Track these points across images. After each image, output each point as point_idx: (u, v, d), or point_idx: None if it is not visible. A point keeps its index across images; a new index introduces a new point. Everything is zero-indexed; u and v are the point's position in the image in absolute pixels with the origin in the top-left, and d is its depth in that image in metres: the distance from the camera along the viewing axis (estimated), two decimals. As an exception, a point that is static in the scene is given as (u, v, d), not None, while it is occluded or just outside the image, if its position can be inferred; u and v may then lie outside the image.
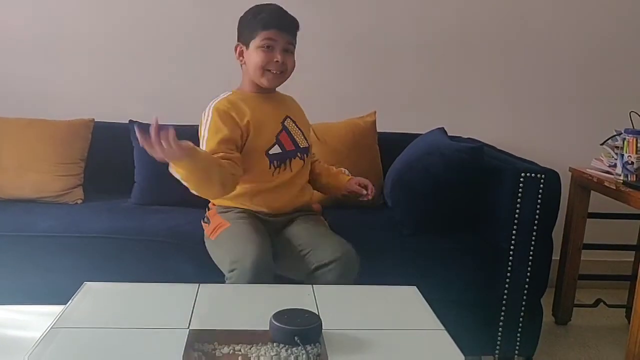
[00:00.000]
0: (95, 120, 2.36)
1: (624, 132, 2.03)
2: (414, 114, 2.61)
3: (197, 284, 1.36)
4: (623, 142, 2.03)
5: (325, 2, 2.57)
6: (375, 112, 2.37)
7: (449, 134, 2.24)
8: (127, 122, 2.33)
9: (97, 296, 1.31)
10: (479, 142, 2.12)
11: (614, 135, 2.14)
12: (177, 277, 1.54)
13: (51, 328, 1.13)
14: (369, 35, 2.60)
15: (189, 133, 2.27)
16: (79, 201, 2.20)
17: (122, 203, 2.20)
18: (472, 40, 2.63)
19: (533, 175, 1.81)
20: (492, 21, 2.62)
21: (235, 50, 1.74)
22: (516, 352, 1.92)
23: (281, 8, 1.70)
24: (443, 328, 1.19)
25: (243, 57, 1.72)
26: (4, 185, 2.14)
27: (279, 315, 1.11)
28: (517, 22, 2.63)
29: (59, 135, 2.24)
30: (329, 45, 2.58)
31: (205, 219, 1.76)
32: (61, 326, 1.14)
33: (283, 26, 1.66)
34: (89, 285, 1.35)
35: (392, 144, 2.31)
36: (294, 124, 1.76)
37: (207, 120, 1.67)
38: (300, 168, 1.76)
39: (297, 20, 1.73)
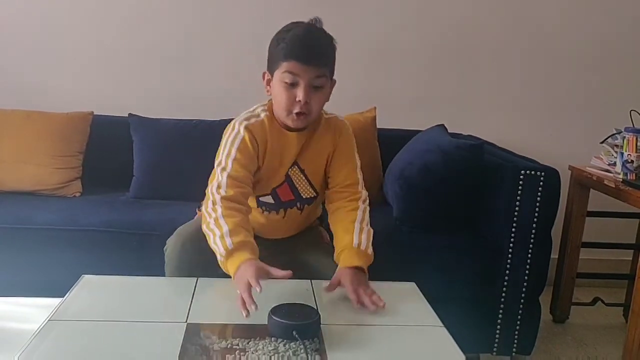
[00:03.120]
0: (94, 113, 2.35)
1: (624, 130, 2.03)
2: (414, 111, 2.61)
3: (196, 278, 1.35)
4: (623, 141, 2.02)
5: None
6: (375, 108, 2.36)
7: (449, 131, 2.24)
8: (127, 115, 2.32)
9: (95, 289, 1.31)
10: (479, 139, 2.11)
11: (614, 134, 2.14)
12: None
13: (48, 321, 1.12)
14: (370, 31, 2.59)
15: (188, 127, 2.29)
16: (77, 194, 2.19)
17: (120, 197, 2.20)
18: (473, 38, 2.62)
19: (533, 173, 1.81)
20: (492, 19, 2.61)
21: (263, 77, 1.47)
22: (514, 349, 1.92)
23: (309, 32, 1.41)
24: (442, 325, 1.19)
25: (270, 87, 1.46)
26: (3, 177, 2.13)
27: (278, 310, 1.10)
28: (518, 21, 2.62)
29: (58, 128, 2.23)
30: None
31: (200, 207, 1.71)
32: (58, 319, 1.14)
33: (307, 58, 1.36)
34: (87, 278, 1.34)
35: (392, 141, 2.31)
36: (300, 174, 1.53)
37: (235, 136, 1.45)
38: (296, 215, 1.59)
39: (328, 44, 1.43)
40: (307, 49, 1.37)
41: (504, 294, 1.87)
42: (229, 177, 1.39)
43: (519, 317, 1.88)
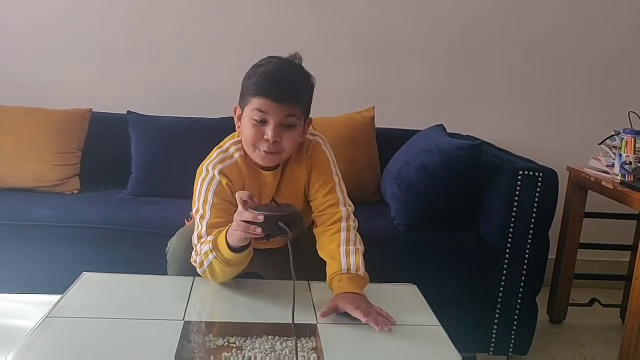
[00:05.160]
0: (93, 110, 2.35)
1: (622, 131, 2.03)
2: (413, 110, 2.61)
3: (193, 277, 1.35)
4: (621, 142, 2.02)
5: (326, -4, 2.56)
6: (373, 107, 2.36)
7: (448, 131, 2.24)
8: (125, 112, 2.32)
9: (93, 286, 1.31)
10: (478, 139, 2.12)
11: (612, 135, 2.14)
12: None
13: (46, 317, 1.12)
14: (369, 30, 2.59)
15: (186, 124, 2.29)
16: (75, 191, 2.19)
17: (117, 194, 2.19)
18: (473, 37, 2.62)
19: (531, 173, 1.81)
20: (492, 19, 2.61)
21: (234, 112, 1.40)
22: (510, 349, 1.92)
23: (282, 67, 1.32)
24: (439, 324, 1.19)
25: (240, 122, 1.38)
26: (2, 173, 2.13)
27: (259, 208, 1.14)
28: (518, 21, 2.62)
29: (57, 124, 2.23)
30: (328, 39, 2.58)
31: (189, 218, 1.71)
32: (56, 315, 1.14)
33: (278, 96, 1.27)
34: (87, 276, 1.34)
35: (390, 140, 2.31)
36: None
37: (210, 180, 1.37)
38: (278, 241, 1.44)
39: (303, 81, 1.34)
40: (278, 86, 1.28)
41: (501, 294, 1.87)
42: (208, 226, 1.32)
43: (516, 317, 1.89)
